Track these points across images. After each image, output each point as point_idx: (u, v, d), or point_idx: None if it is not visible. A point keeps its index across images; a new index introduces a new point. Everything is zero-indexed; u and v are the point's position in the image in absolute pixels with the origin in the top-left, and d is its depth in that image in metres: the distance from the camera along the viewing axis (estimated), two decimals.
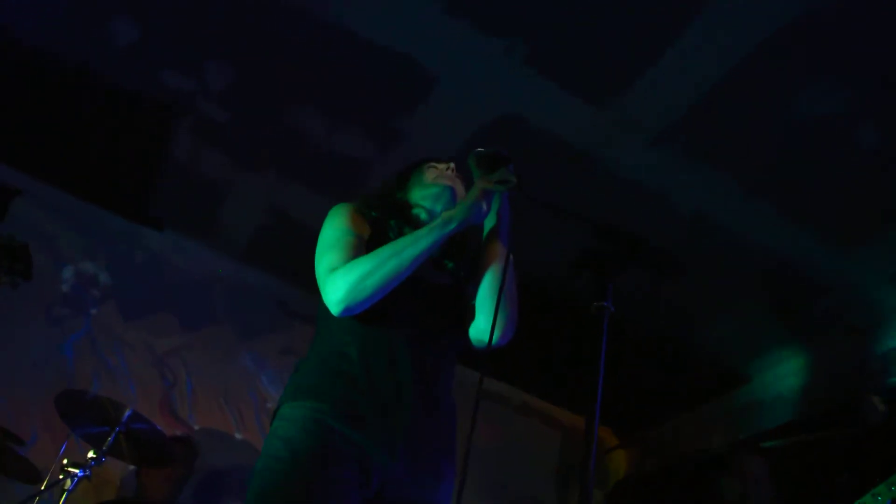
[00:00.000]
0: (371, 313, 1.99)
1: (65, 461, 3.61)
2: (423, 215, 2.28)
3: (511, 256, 2.11)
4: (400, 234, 2.17)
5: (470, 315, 2.14)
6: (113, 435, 3.71)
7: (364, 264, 1.95)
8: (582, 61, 3.68)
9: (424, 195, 2.29)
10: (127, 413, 3.72)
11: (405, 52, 3.80)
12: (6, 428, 3.78)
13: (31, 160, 5.21)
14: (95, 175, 5.23)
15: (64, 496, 3.50)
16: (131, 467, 4.63)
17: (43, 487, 3.67)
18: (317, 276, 2.03)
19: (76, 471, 3.55)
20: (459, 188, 2.31)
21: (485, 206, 2.07)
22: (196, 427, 5.63)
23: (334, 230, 2.11)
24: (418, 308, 2.07)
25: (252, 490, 1.85)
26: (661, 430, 6.26)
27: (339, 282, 1.93)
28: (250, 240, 5.53)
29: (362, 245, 2.08)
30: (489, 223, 2.18)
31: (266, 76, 4.14)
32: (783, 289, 4.62)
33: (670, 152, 3.99)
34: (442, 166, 2.36)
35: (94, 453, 3.63)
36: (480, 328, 2.08)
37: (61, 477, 3.56)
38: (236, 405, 5.92)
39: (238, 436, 5.78)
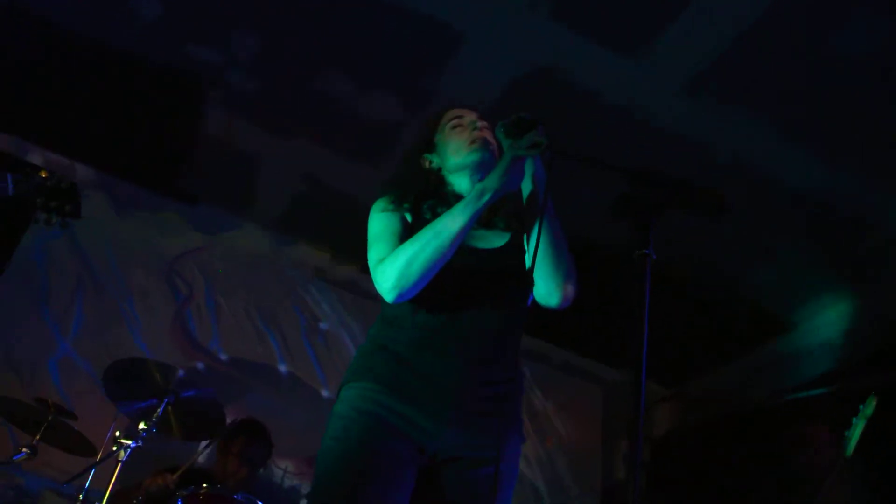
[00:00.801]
0: (428, 295, 2.03)
1: (117, 433, 3.68)
2: (463, 185, 2.26)
3: (555, 216, 2.09)
4: (434, 214, 2.18)
5: (530, 278, 2.14)
6: (161, 407, 3.76)
7: (407, 250, 1.99)
8: (609, 11, 3.62)
9: (459, 164, 2.26)
10: (176, 377, 3.78)
11: (430, 12, 3.78)
12: (58, 403, 3.86)
13: (60, 139, 5.26)
14: (126, 151, 5.27)
15: (118, 467, 3.58)
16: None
17: (98, 459, 3.75)
18: (371, 272, 2.09)
19: (129, 442, 3.61)
20: (493, 140, 2.27)
21: (518, 173, 2.06)
22: (224, 357, 4.60)
23: (377, 224, 2.17)
24: (475, 276, 2.10)
25: (316, 471, 1.98)
26: (704, 381, 6.24)
27: (388, 271, 2.00)
28: (286, 209, 5.56)
29: (405, 231, 2.13)
30: (526, 189, 2.15)
31: (292, 44, 4.13)
32: (826, 231, 4.55)
33: (704, 99, 3.93)
34: (468, 119, 2.31)
35: (146, 424, 3.70)
36: (542, 294, 2.08)
37: (114, 448, 3.63)
38: (277, 326, 4.75)
39: (283, 368, 4.76)
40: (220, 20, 4.10)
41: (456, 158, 2.26)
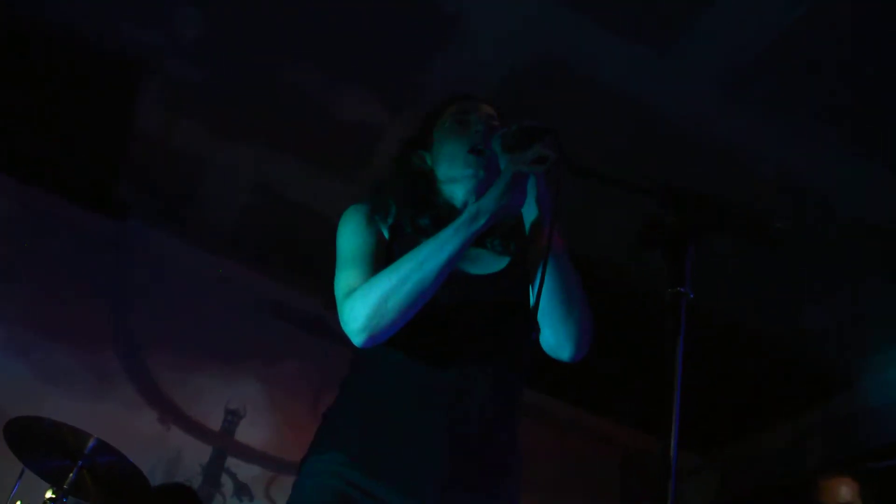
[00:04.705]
0: (407, 335, 1.95)
1: (18, 503, 3.62)
2: (458, 195, 2.17)
3: (565, 249, 2.03)
4: (416, 228, 2.13)
5: (534, 320, 2.08)
6: (75, 470, 3.71)
7: (382, 283, 1.91)
8: None
9: (450, 176, 2.18)
10: (91, 443, 3.72)
11: None
12: None
13: None
14: (43, 151, 5.24)
15: None
16: None
17: None
18: (337, 306, 2.01)
19: None
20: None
21: (520, 194, 1.98)
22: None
23: (348, 241, 2.10)
24: (468, 310, 2.04)
25: None
26: (748, 447, 6.21)
27: (357, 307, 1.92)
28: (235, 227, 5.54)
29: (382, 252, 2.07)
30: (529, 214, 2.08)
31: (249, 24, 4.11)
32: None
33: (744, 101, 3.92)
34: (476, 117, 2.21)
35: (54, 493, 3.64)
36: (551, 345, 2.03)
37: None
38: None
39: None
40: None
41: (447, 167, 2.18)
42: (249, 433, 5.84)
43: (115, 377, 5.54)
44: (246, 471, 5.74)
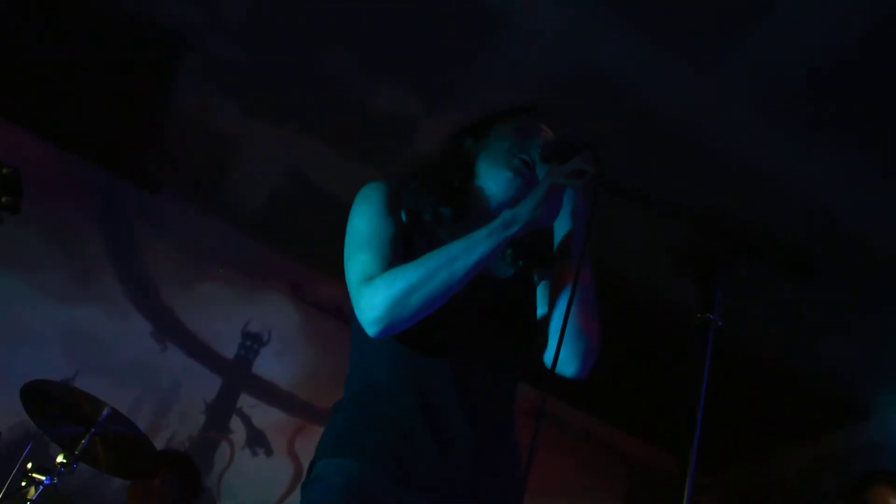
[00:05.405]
0: (416, 331, 1.94)
1: (29, 465, 3.65)
2: (490, 188, 2.17)
3: (590, 268, 2.04)
4: (435, 217, 2.14)
5: (542, 335, 2.09)
6: (87, 437, 3.75)
7: (408, 275, 1.89)
8: (682, 9, 3.60)
9: (490, 172, 2.18)
10: (105, 412, 3.76)
11: None
12: None
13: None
14: (80, 121, 5.27)
15: None
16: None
17: (1, 496, 3.72)
18: (348, 283, 1.99)
19: (42, 477, 3.59)
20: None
21: (556, 205, 2.00)
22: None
23: (367, 222, 2.06)
24: (478, 322, 2.04)
25: None
26: (757, 470, 6.18)
27: (378, 296, 1.89)
28: (262, 208, 5.55)
29: (400, 239, 2.05)
30: (562, 227, 2.12)
31: (292, 9, 4.13)
32: None
33: (789, 127, 3.89)
34: (543, 138, 2.20)
35: (65, 457, 3.68)
36: (552, 358, 1.98)
37: (24, 484, 3.61)
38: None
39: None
40: None
41: (491, 161, 2.18)
42: (273, 366, 5.23)
43: (98, 272, 5.01)
44: (264, 415, 5.12)
